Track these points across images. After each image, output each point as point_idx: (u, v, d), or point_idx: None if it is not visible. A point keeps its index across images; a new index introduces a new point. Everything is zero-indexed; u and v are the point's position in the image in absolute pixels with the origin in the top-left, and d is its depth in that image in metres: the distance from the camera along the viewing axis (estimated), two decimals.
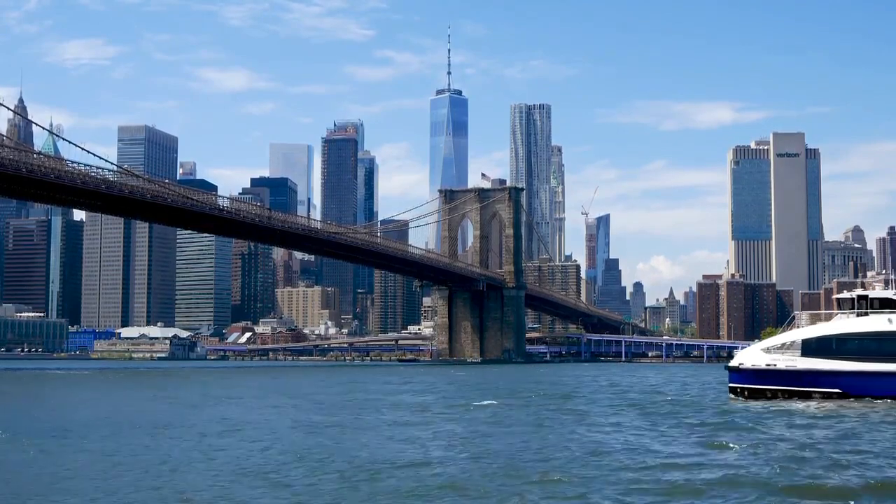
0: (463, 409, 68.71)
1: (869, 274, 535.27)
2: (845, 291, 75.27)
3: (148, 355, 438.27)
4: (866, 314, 69.12)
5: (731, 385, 74.24)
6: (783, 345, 70.76)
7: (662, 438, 46.68)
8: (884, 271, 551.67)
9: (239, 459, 38.59)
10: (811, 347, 68.88)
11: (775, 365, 70.36)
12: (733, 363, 74.52)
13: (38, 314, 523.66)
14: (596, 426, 53.98)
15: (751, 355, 73.02)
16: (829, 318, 73.41)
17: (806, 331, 71.45)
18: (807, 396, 68.76)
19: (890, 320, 67.61)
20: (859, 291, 73.77)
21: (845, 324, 69.65)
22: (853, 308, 70.39)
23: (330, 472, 35.10)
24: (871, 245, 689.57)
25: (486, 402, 75.39)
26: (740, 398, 71.65)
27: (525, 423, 56.14)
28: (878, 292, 71.82)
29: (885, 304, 69.17)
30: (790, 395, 69.38)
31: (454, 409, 69.78)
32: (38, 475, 34.67)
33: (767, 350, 71.82)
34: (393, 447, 43.32)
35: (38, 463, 37.97)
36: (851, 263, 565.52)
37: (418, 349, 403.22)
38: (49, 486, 32.03)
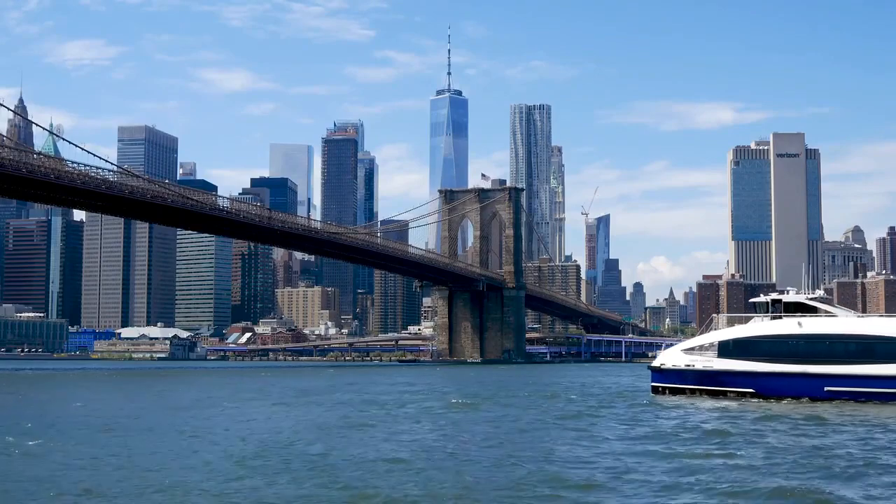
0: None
1: (869, 274, 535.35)
2: (761, 295, 78.01)
3: (148, 356, 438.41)
4: (780, 317, 71.80)
5: (653, 384, 77.25)
6: (701, 346, 73.68)
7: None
8: (884, 271, 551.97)
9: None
10: (727, 349, 71.82)
11: (693, 365, 73.21)
12: (655, 363, 77.51)
13: (38, 314, 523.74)
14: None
15: (671, 356, 75.77)
16: (746, 321, 75.45)
17: (722, 333, 74.27)
18: (722, 395, 71.21)
19: (800, 323, 70.22)
20: (774, 295, 75.95)
21: (759, 327, 72.17)
22: (768, 312, 73.03)
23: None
24: (872, 245, 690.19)
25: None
26: (661, 397, 74.49)
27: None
28: (790, 296, 73.74)
29: (798, 308, 71.87)
30: (707, 394, 72.01)
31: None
32: None
33: (687, 351, 74.66)
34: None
35: None
36: (851, 264, 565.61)
37: (418, 349, 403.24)
38: None
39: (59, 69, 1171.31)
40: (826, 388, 68.37)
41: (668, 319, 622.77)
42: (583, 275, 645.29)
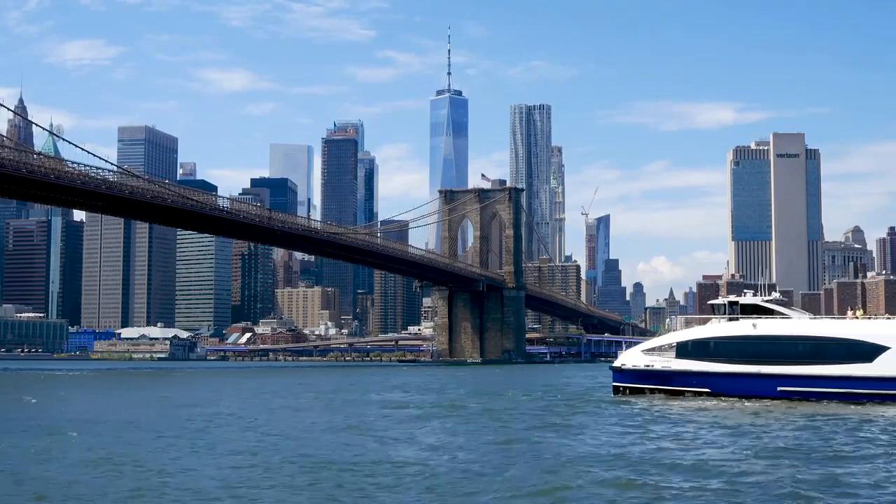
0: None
1: (869, 274, 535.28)
2: (719, 297, 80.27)
3: (148, 356, 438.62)
4: (736, 319, 73.38)
5: (614, 384, 78.75)
6: (661, 347, 75.43)
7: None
8: (884, 272, 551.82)
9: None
10: (685, 350, 73.50)
11: (652, 366, 74.79)
12: (616, 364, 78.80)
13: (38, 315, 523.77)
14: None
15: (632, 357, 77.27)
16: (704, 322, 77.05)
17: (680, 334, 76.11)
18: (680, 395, 72.74)
19: (754, 325, 71.80)
20: (732, 298, 77.64)
21: (715, 328, 73.85)
22: (725, 313, 74.64)
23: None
24: (872, 245, 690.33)
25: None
26: (622, 396, 76.19)
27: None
28: (747, 299, 75.36)
29: (754, 310, 73.51)
30: (665, 394, 73.49)
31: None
32: None
33: (647, 352, 76.24)
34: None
35: None
36: (851, 264, 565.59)
37: (418, 350, 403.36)
38: None
39: (59, 69, 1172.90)
40: (779, 388, 69.96)
41: (668, 320, 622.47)
42: (583, 275, 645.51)
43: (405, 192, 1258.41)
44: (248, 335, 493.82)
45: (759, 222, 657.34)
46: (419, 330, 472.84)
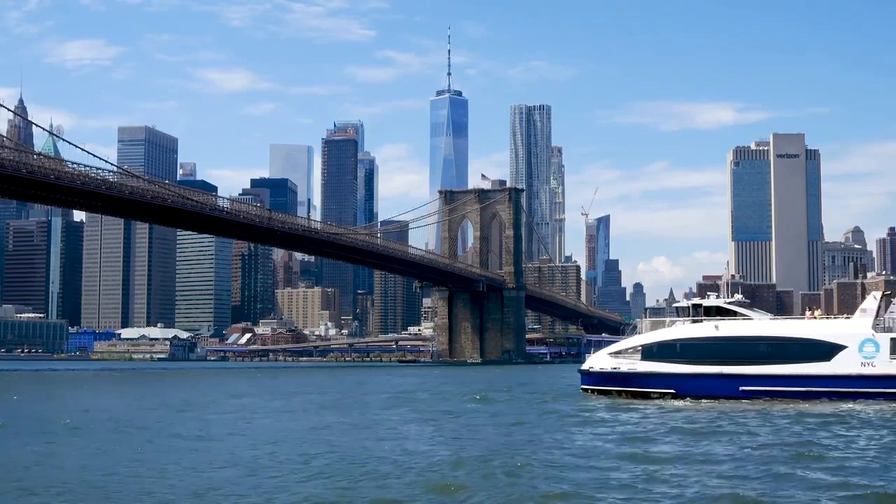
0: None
1: (869, 275, 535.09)
2: (684, 300, 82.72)
3: (148, 356, 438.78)
4: (700, 321, 74.88)
5: (582, 387, 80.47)
6: (627, 349, 76.87)
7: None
8: (884, 272, 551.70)
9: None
10: (650, 352, 75.00)
11: (619, 368, 76.24)
12: (584, 366, 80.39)
13: (38, 315, 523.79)
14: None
15: (599, 359, 78.79)
16: (670, 324, 78.48)
17: (646, 336, 77.22)
18: (646, 396, 74.13)
19: (716, 327, 73.50)
20: (696, 300, 79.36)
21: (679, 330, 75.54)
22: (689, 315, 76.29)
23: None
24: (872, 246, 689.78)
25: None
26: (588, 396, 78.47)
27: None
28: (710, 301, 77.02)
29: (717, 312, 75.06)
30: (631, 395, 75.01)
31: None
32: None
33: (614, 354, 77.66)
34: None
35: None
36: (852, 264, 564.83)
37: (418, 350, 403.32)
38: None
39: (59, 69, 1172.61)
40: (741, 388, 71.37)
41: (668, 320, 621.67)
42: (583, 275, 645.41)
43: (405, 192, 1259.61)
44: (248, 335, 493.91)
45: (759, 222, 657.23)
46: (419, 330, 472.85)
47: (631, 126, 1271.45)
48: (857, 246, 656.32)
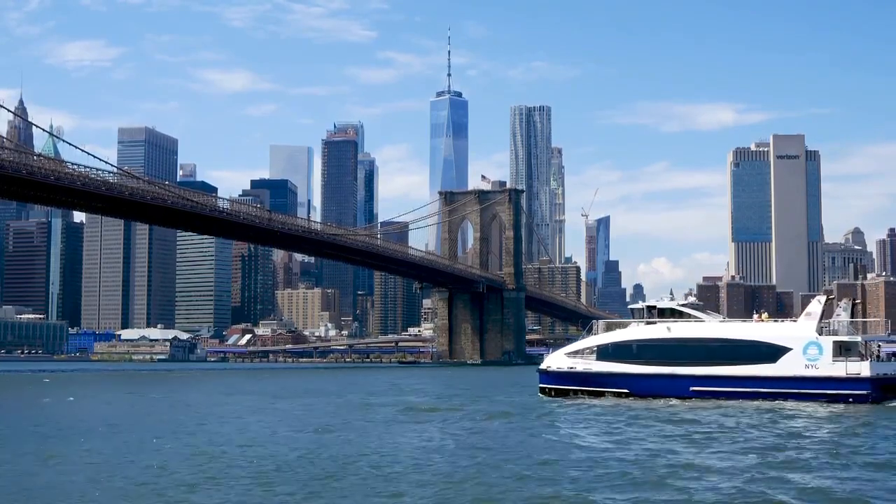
0: None
1: (869, 276, 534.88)
2: (640, 302, 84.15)
3: (148, 357, 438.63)
4: (654, 323, 76.51)
5: (540, 385, 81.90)
6: (583, 350, 78.77)
7: None
8: (884, 273, 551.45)
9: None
10: (606, 352, 77.02)
11: (575, 368, 78.15)
12: (542, 366, 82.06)
13: (38, 316, 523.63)
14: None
15: (556, 359, 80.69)
16: (625, 326, 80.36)
17: (601, 337, 79.18)
18: (601, 396, 75.93)
19: (669, 328, 75.39)
20: (650, 302, 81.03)
21: (633, 331, 77.45)
22: (643, 317, 78.01)
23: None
24: (872, 247, 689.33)
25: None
26: (547, 397, 79.51)
27: None
28: (664, 303, 78.66)
29: (671, 314, 76.73)
30: (587, 394, 76.84)
31: None
32: None
33: (570, 354, 79.58)
34: None
35: None
36: (852, 265, 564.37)
37: (418, 351, 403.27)
38: None
39: (60, 70, 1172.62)
40: (691, 388, 73.09)
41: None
42: (583, 276, 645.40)
43: (405, 193, 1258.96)
44: (248, 336, 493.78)
45: (760, 223, 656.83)
46: (419, 331, 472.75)
47: (631, 127, 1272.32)
48: (857, 247, 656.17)
